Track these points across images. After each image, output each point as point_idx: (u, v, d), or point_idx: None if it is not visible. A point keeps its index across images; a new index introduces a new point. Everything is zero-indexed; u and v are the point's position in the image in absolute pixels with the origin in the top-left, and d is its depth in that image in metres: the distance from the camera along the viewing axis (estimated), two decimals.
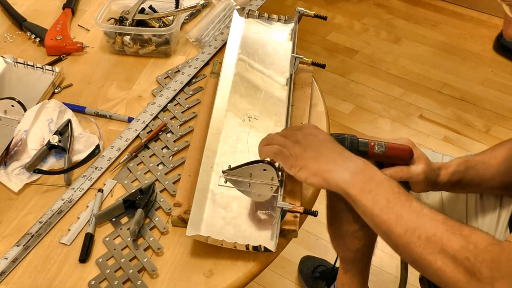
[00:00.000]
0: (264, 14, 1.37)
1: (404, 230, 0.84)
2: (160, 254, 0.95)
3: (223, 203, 0.98)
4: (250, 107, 1.14)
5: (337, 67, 2.78)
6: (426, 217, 0.84)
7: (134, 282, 0.91)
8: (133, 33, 1.33)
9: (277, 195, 0.97)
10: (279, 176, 0.98)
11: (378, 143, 1.03)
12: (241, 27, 1.34)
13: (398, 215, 0.85)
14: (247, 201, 0.98)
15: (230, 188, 0.99)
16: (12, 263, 0.94)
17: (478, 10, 3.15)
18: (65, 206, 1.02)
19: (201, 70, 1.31)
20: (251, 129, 1.10)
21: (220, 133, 1.08)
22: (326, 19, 1.31)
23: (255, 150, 1.01)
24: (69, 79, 1.30)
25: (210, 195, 0.98)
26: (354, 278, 1.58)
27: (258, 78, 1.22)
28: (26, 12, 1.48)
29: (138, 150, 1.12)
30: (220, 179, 1.00)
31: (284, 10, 3.09)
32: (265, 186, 0.97)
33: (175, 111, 1.21)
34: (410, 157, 1.04)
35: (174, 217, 0.98)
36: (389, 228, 0.86)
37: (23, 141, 1.11)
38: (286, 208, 0.93)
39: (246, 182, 0.97)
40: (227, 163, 1.02)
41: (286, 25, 1.36)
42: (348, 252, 1.51)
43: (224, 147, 1.06)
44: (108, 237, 0.98)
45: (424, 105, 2.56)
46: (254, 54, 1.27)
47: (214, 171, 1.02)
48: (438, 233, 0.82)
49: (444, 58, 2.85)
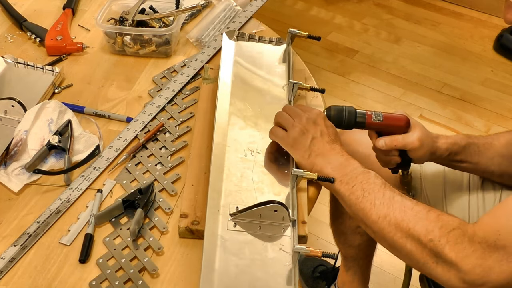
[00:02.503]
0: (254, 36, 1.31)
1: (377, 217, 0.90)
2: (161, 253, 0.95)
3: (234, 249, 0.91)
4: (251, 139, 1.08)
5: (337, 67, 2.78)
6: (397, 204, 0.90)
7: (135, 282, 0.91)
8: (133, 33, 1.33)
9: (290, 236, 0.93)
10: (291, 216, 0.94)
11: (376, 113, 1.08)
12: (232, 52, 1.27)
13: (372, 204, 0.91)
14: (260, 244, 0.92)
15: (240, 232, 0.93)
16: (10, 262, 0.94)
17: (478, 10, 3.15)
18: (63, 206, 1.02)
19: (200, 70, 1.31)
20: (254, 165, 1.04)
21: (222, 171, 1.02)
22: (320, 40, 1.25)
23: (262, 187, 0.99)
24: (69, 79, 1.30)
25: (219, 241, 0.92)
26: (356, 276, 1.58)
27: (256, 107, 1.15)
28: (26, 12, 1.48)
29: (136, 150, 1.12)
30: (228, 223, 0.94)
31: (284, 10, 3.09)
32: (276, 227, 0.94)
33: (172, 111, 1.21)
34: (406, 125, 1.09)
35: (182, 228, 0.96)
36: (365, 216, 0.92)
37: (23, 141, 1.11)
38: (303, 253, 0.88)
39: (256, 224, 0.94)
40: (234, 205, 0.96)
41: (278, 47, 1.31)
42: (350, 248, 1.51)
43: (228, 186, 1.00)
44: (108, 237, 0.98)
45: (424, 105, 2.56)
46: (248, 81, 1.21)
47: (221, 214, 0.95)
48: (405, 218, 0.88)
49: (444, 58, 2.85)
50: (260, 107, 1.15)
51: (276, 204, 0.92)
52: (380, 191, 0.92)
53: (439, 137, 1.13)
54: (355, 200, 0.93)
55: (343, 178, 0.96)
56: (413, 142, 1.08)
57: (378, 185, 0.93)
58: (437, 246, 0.84)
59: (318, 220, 2.02)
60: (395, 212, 0.89)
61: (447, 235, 0.84)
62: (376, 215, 0.90)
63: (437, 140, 1.12)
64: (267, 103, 1.17)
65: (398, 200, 0.91)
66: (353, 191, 0.94)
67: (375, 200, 0.91)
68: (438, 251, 0.84)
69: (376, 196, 0.91)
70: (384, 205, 0.90)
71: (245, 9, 1.49)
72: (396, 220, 0.88)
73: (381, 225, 0.90)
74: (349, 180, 0.95)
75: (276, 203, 0.92)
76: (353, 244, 1.49)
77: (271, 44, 1.31)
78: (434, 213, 0.88)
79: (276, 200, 0.93)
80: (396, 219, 0.88)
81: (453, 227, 0.85)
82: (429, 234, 0.85)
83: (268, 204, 0.93)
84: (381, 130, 1.10)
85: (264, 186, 1.00)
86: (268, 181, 1.01)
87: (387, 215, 0.89)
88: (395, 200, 0.91)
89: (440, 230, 0.85)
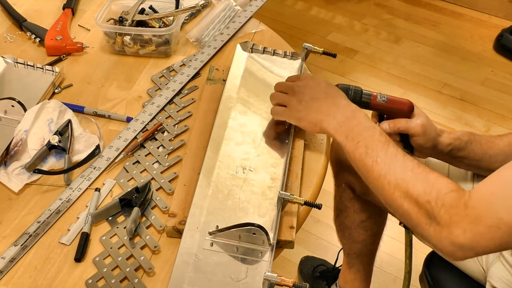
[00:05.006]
0: (269, 49, 1.27)
1: (378, 174, 0.93)
2: (157, 252, 0.95)
3: (207, 270, 0.88)
4: (245, 156, 1.05)
5: (337, 67, 2.78)
6: (398, 163, 0.92)
7: (131, 280, 0.91)
8: (133, 33, 1.33)
9: (267, 261, 0.89)
10: (270, 240, 0.91)
11: (381, 94, 1.10)
12: (243, 64, 1.24)
13: (374, 160, 0.93)
14: (234, 267, 0.89)
15: (215, 252, 0.90)
16: (10, 262, 0.94)
17: (478, 10, 3.15)
18: (63, 206, 1.02)
19: (200, 70, 1.31)
20: (244, 183, 1.00)
21: (209, 187, 0.99)
22: (336, 57, 1.23)
23: (247, 207, 0.96)
24: (69, 79, 1.30)
25: (192, 260, 0.89)
26: (358, 274, 1.58)
27: (256, 124, 1.11)
28: (26, 12, 1.48)
29: (134, 149, 1.12)
30: (205, 242, 0.91)
31: (284, 10, 3.09)
32: (254, 250, 0.90)
33: (171, 111, 1.21)
34: (410, 110, 1.11)
35: (169, 227, 0.96)
36: (368, 172, 0.94)
37: (23, 141, 1.11)
38: (273, 281, 0.85)
39: (233, 245, 0.91)
40: (214, 223, 0.93)
41: (293, 61, 1.26)
42: (355, 243, 1.51)
43: (213, 203, 0.96)
44: (104, 236, 0.98)
45: (424, 105, 2.56)
46: (254, 96, 1.17)
47: (199, 231, 0.92)
48: (405, 178, 0.90)
49: (444, 58, 2.85)
50: (261, 124, 1.12)
51: (256, 227, 0.89)
52: (383, 148, 0.94)
53: (443, 131, 1.14)
54: (358, 157, 0.95)
55: (349, 134, 0.97)
56: (416, 127, 1.10)
57: (382, 142, 0.95)
58: (433, 208, 0.86)
59: (319, 220, 2.02)
60: (396, 171, 0.91)
61: (444, 198, 0.85)
62: (377, 172, 0.92)
63: (441, 133, 1.13)
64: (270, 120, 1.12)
65: (399, 159, 0.92)
66: (357, 147, 0.95)
67: (377, 158, 0.93)
68: (434, 213, 0.86)
69: (378, 153, 0.93)
70: (386, 164, 0.92)
71: (245, 9, 1.49)
72: (396, 180, 0.90)
73: (381, 183, 0.92)
74: (354, 136, 0.97)
75: (256, 226, 0.89)
76: (358, 239, 1.49)
77: (286, 58, 1.27)
78: (433, 175, 0.89)
79: (256, 223, 0.89)
80: (396, 179, 0.90)
81: (450, 189, 0.86)
82: (426, 195, 0.87)
83: (247, 226, 0.89)
84: (385, 112, 1.12)
85: (250, 206, 0.96)
86: (255, 201, 0.97)
87: (387, 174, 0.91)
88: (397, 158, 0.92)
89: (437, 193, 0.86)
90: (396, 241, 1.73)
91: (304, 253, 1.94)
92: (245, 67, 1.23)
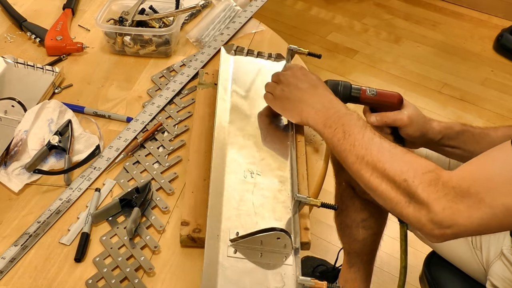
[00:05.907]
0: (253, 51, 1.27)
1: (355, 157, 0.93)
2: (157, 252, 0.95)
3: (235, 279, 0.86)
4: (250, 160, 1.04)
5: (337, 67, 2.78)
6: (375, 146, 0.93)
7: (131, 280, 0.91)
8: (133, 33, 1.33)
9: (292, 265, 0.89)
10: (293, 243, 0.91)
11: (370, 88, 1.13)
12: (231, 67, 1.23)
13: (351, 145, 0.94)
14: (260, 273, 0.88)
15: (239, 259, 0.89)
16: (10, 262, 0.94)
17: (478, 10, 3.15)
18: (63, 206, 1.02)
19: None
20: (254, 187, 0.99)
21: (222, 194, 0.97)
22: (320, 57, 1.22)
23: (262, 212, 0.95)
24: (69, 79, 1.30)
25: (220, 270, 0.87)
26: (358, 273, 1.57)
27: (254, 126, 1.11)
28: (26, 12, 1.48)
29: (134, 149, 1.12)
30: (228, 249, 0.90)
31: (284, 10, 3.09)
32: (277, 254, 0.90)
33: (171, 111, 1.21)
34: (399, 103, 1.13)
35: (183, 236, 0.94)
36: (346, 157, 0.95)
37: (23, 141, 1.11)
38: (307, 285, 0.84)
39: (257, 251, 0.90)
40: (234, 230, 0.92)
41: (277, 63, 1.26)
42: (355, 242, 1.51)
43: (228, 210, 0.95)
44: (105, 236, 0.98)
45: (424, 105, 2.56)
46: (247, 98, 1.17)
47: (221, 239, 0.91)
48: (382, 159, 0.90)
49: (444, 58, 2.86)
50: (259, 125, 1.12)
51: (279, 232, 0.89)
52: (360, 132, 0.95)
53: (433, 120, 1.16)
54: (337, 142, 0.96)
55: (327, 121, 0.99)
56: (402, 119, 1.11)
57: (359, 126, 0.96)
58: (411, 186, 0.86)
59: (319, 220, 2.02)
60: (373, 153, 0.91)
61: (421, 177, 0.85)
62: (355, 156, 0.93)
63: (431, 122, 1.15)
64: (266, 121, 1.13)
65: (376, 142, 0.93)
66: (335, 133, 0.97)
67: (354, 141, 0.94)
68: (411, 191, 0.85)
69: (356, 137, 0.94)
70: (363, 147, 0.93)
71: (245, 9, 1.49)
72: (373, 161, 0.91)
73: (359, 166, 0.92)
74: (332, 123, 0.98)
75: (279, 230, 0.89)
76: (358, 238, 1.49)
77: (270, 60, 1.27)
78: (410, 156, 0.90)
79: (278, 227, 0.89)
80: (373, 160, 0.91)
81: (428, 170, 0.86)
82: (403, 174, 0.87)
83: (270, 231, 0.89)
84: (375, 106, 1.13)
85: (264, 210, 0.96)
86: (268, 206, 0.97)
87: (364, 156, 0.92)
88: (374, 141, 0.93)
89: (414, 172, 0.86)
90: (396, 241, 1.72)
91: (304, 253, 1.94)
92: (233, 70, 1.23)
